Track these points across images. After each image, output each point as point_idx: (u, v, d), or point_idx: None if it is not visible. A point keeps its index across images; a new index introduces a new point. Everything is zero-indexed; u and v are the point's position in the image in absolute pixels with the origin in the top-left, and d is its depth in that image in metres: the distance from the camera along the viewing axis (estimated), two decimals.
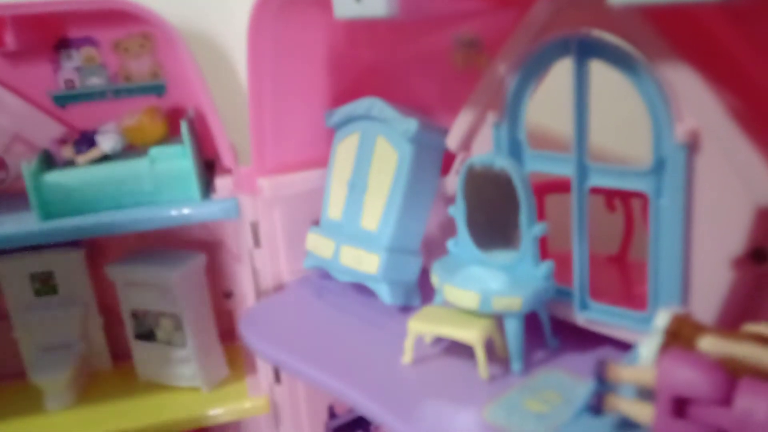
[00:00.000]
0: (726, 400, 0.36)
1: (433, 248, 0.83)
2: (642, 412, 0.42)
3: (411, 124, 0.72)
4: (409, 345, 0.65)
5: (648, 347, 0.44)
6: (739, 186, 0.48)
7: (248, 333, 0.77)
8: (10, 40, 0.83)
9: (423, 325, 0.63)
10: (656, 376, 0.40)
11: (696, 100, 0.48)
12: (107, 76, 0.92)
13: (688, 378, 0.38)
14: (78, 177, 0.81)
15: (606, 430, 0.44)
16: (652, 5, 0.39)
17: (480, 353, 0.60)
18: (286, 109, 0.82)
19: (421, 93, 0.80)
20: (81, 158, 0.83)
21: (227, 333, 1.02)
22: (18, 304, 0.96)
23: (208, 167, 0.93)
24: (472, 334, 0.60)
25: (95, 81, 0.92)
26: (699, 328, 0.45)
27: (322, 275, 0.87)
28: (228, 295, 1.05)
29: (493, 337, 0.63)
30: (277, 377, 0.91)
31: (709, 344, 0.39)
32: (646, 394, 0.42)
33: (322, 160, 0.86)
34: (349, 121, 0.81)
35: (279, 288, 0.89)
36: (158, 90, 0.94)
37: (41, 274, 0.95)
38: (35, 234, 0.79)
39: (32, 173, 0.79)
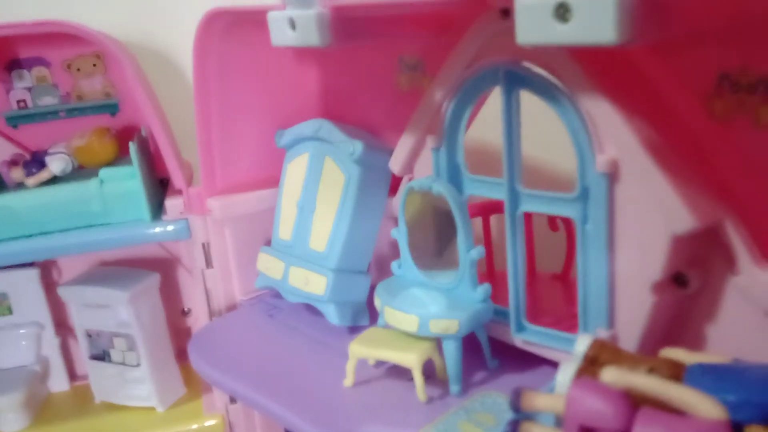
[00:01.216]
0: (627, 430, 0.37)
1: (385, 267, 0.84)
2: None
3: (356, 146, 0.73)
4: (350, 368, 0.65)
5: (565, 373, 0.45)
6: (657, 214, 0.49)
7: (195, 357, 0.77)
8: None
9: (363, 349, 0.64)
10: (565, 404, 0.41)
11: (615, 131, 0.49)
12: (59, 95, 0.92)
13: (594, 408, 0.39)
14: (28, 199, 0.81)
15: None
16: (556, 44, 0.40)
17: (417, 377, 0.61)
18: (235, 129, 0.82)
19: (369, 114, 0.80)
20: (31, 180, 0.82)
21: (185, 351, 1.02)
22: None
23: (164, 186, 0.93)
24: (410, 357, 0.61)
25: (48, 101, 0.91)
26: (617, 354, 0.46)
27: (275, 295, 0.88)
28: (185, 312, 1.05)
29: (434, 360, 0.64)
30: (233, 397, 0.91)
31: (611, 376, 0.40)
32: (560, 422, 0.43)
33: (273, 180, 0.86)
34: (298, 141, 0.81)
35: (231, 308, 0.89)
36: (111, 109, 0.94)
37: None
38: None
39: None
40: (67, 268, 0.99)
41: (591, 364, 0.46)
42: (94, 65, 0.91)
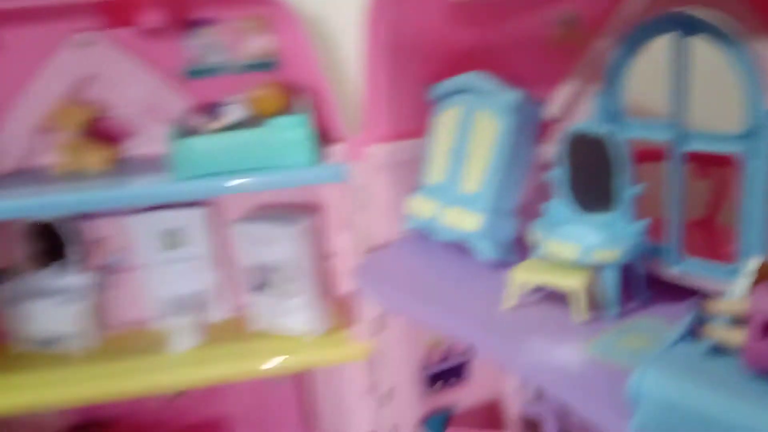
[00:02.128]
0: None
1: (527, 210, 0.90)
2: (735, 336, 0.48)
3: (513, 96, 0.79)
4: (511, 292, 0.73)
5: (740, 286, 0.51)
6: None
7: (363, 281, 0.86)
8: (146, 19, 0.94)
9: (527, 275, 0.71)
10: (750, 305, 0.47)
11: None
12: (228, 53, 1.02)
13: None
14: (208, 143, 0.91)
15: (701, 353, 0.51)
16: None
17: (580, 299, 0.67)
18: (396, 83, 0.90)
19: (519, 68, 0.86)
20: (211, 126, 0.93)
21: (327, 291, 1.13)
22: (148, 257, 1.08)
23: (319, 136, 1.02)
24: (574, 282, 0.67)
25: (217, 58, 1.02)
26: None
27: (421, 236, 0.96)
28: (328, 256, 1.16)
29: (590, 287, 0.70)
30: (377, 327, 1.01)
31: None
32: (737, 322, 0.49)
33: (423, 131, 0.94)
34: (450, 94, 0.89)
35: (381, 247, 0.98)
36: (271, 66, 1.04)
37: (169, 230, 1.07)
38: (176, 193, 0.90)
39: (171, 139, 0.90)
40: (228, 209, 1.10)
41: (762, 278, 0.51)
42: (259, 26, 1.01)
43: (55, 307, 1.01)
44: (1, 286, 1.05)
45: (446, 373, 1.09)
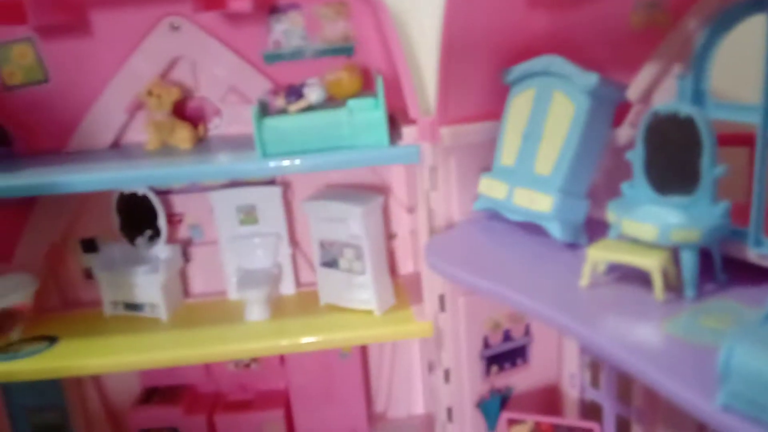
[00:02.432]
0: None
1: (596, 195, 0.91)
2: None
3: (591, 78, 0.81)
4: (587, 270, 0.74)
5: None
6: None
7: (434, 259, 0.89)
8: (232, 4, 0.98)
9: (603, 253, 0.72)
10: None
11: None
12: (307, 38, 1.06)
13: None
14: (289, 122, 0.96)
15: None
16: None
17: (657, 278, 0.69)
18: (470, 66, 0.92)
19: (596, 52, 0.87)
20: (291, 107, 0.97)
21: (391, 269, 1.16)
22: (226, 232, 1.14)
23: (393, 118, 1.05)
24: (651, 261, 0.69)
25: (297, 42, 1.06)
26: None
27: (489, 217, 0.98)
28: (392, 236, 1.19)
29: (667, 267, 0.71)
30: (442, 306, 1.04)
31: None
32: None
33: (495, 114, 0.96)
34: (525, 77, 0.90)
35: (450, 226, 1.01)
36: (348, 51, 1.07)
37: (246, 206, 1.13)
38: (257, 169, 0.95)
39: (254, 119, 0.94)
40: (299, 188, 1.15)
41: None
42: (338, 12, 1.04)
43: (142, 276, 1.08)
44: (95, 254, 1.13)
45: (504, 356, 1.12)
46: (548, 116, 0.87)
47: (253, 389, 1.23)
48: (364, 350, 1.25)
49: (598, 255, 0.73)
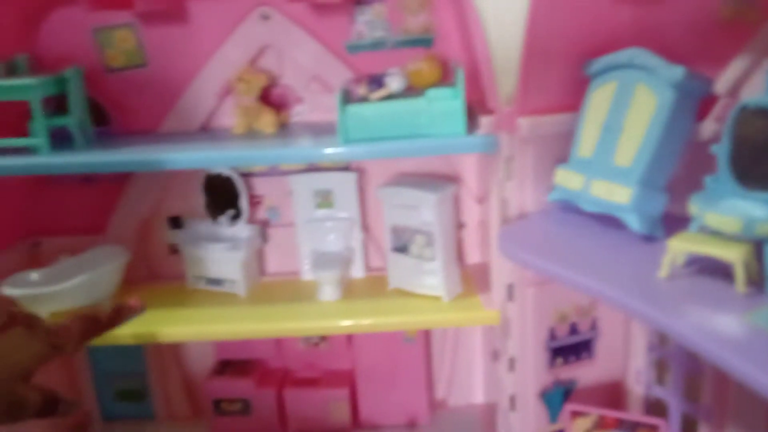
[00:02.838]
0: None
1: (675, 188, 0.91)
2: None
3: (677, 71, 0.81)
4: (666, 261, 0.75)
5: None
6: None
7: (506, 244, 0.91)
8: None
9: (685, 244, 0.73)
10: None
11: None
12: (389, 29, 1.10)
13: None
14: (371, 110, 1.00)
15: None
16: None
17: (740, 270, 0.69)
18: (551, 57, 0.93)
19: (681, 44, 0.87)
20: (373, 95, 1.01)
21: (460, 257, 1.19)
22: (302, 214, 1.19)
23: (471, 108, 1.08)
24: (734, 253, 0.69)
25: (379, 33, 1.10)
26: None
27: (563, 208, 0.99)
28: (460, 225, 1.22)
29: (749, 261, 0.71)
30: (510, 296, 1.05)
31: None
32: None
33: (573, 106, 0.97)
34: (607, 69, 0.91)
35: (523, 217, 1.02)
36: (427, 42, 1.10)
37: (323, 191, 1.18)
38: (339, 154, 0.99)
39: (338, 106, 0.98)
40: (373, 175, 1.19)
41: None
42: (421, 5, 1.08)
43: (223, 253, 1.14)
44: (180, 230, 1.20)
45: (570, 349, 1.12)
46: (630, 109, 0.88)
47: (321, 368, 1.28)
48: (427, 337, 1.28)
49: (680, 246, 0.73)
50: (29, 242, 1.19)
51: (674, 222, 0.84)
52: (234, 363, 1.28)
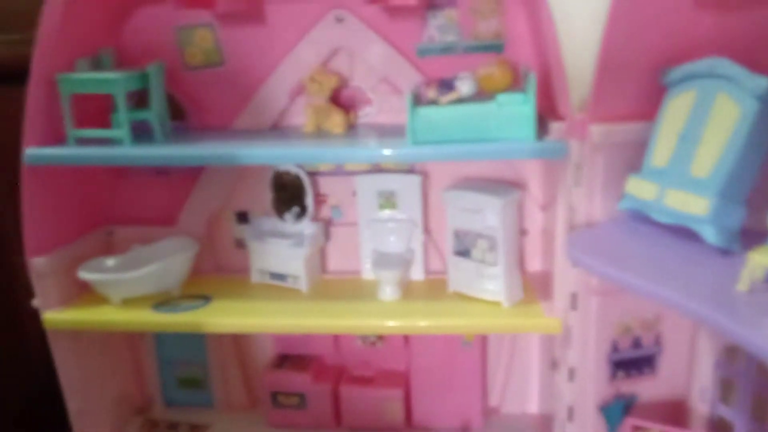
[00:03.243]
0: None
1: (754, 202, 0.89)
2: None
3: (761, 82, 0.79)
4: (746, 274, 0.73)
5: None
6: None
7: (576, 252, 0.90)
8: None
9: (766, 258, 0.71)
10: None
11: None
12: (460, 34, 1.11)
13: None
14: (441, 113, 1.00)
15: None
16: None
17: None
18: (628, 65, 0.93)
19: (760, 54, 0.85)
20: (443, 98, 1.02)
21: (522, 264, 1.18)
22: (365, 215, 1.21)
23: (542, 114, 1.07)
24: None
25: (450, 38, 1.11)
26: None
27: (633, 218, 0.98)
28: (523, 232, 1.21)
29: None
30: (573, 304, 1.04)
31: None
32: None
33: (646, 114, 0.95)
34: (686, 78, 0.90)
35: (590, 225, 1.01)
36: (498, 48, 1.11)
37: (387, 192, 1.19)
38: (411, 155, 1.00)
39: (410, 106, 0.99)
40: (436, 178, 1.19)
41: None
42: (493, 10, 1.08)
43: (288, 249, 1.16)
44: (247, 225, 1.24)
45: (632, 363, 1.10)
46: (710, 119, 0.86)
47: (376, 367, 1.29)
48: (484, 342, 1.27)
49: (762, 260, 0.72)
50: (104, 230, 1.24)
51: (752, 237, 0.81)
52: (292, 357, 1.31)
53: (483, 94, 1.03)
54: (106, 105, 1.09)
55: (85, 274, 1.11)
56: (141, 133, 1.07)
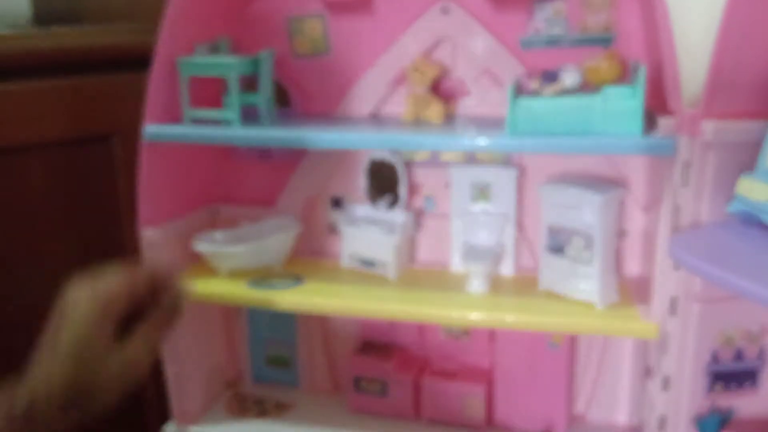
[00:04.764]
0: None
1: None
2: None
3: None
4: None
5: None
6: None
7: (681, 253, 0.87)
8: None
9: None
10: None
11: None
12: (567, 27, 1.09)
13: None
14: (543, 104, 0.99)
15: None
16: None
17: None
18: (746, 61, 0.88)
19: None
20: (546, 90, 1.01)
21: (618, 265, 1.14)
22: (458, 206, 1.21)
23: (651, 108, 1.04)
24: None
25: (556, 30, 1.10)
26: None
27: (743, 221, 0.93)
28: (621, 233, 1.17)
29: None
30: (672, 310, 1.00)
31: None
32: None
33: (763, 113, 0.90)
34: None
35: (696, 226, 0.97)
36: (606, 42, 1.08)
37: (481, 184, 1.19)
38: (510, 145, 1.00)
39: (511, 96, 0.99)
40: (533, 173, 1.18)
41: None
42: (604, 2, 1.06)
43: (379, 235, 1.19)
44: (341, 210, 1.27)
45: (732, 375, 1.04)
46: None
47: (460, 361, 1.29)
48: (573, 345, 1.24)
49: None
50: (210, 208, 1.31)
51: None
52: (377, 345, 1.33)
53: (588, 87, 1.02)
54: (218, 89, 1.15)
55: (200, 245, 1.18)
56: (249, 116, 1.13)
